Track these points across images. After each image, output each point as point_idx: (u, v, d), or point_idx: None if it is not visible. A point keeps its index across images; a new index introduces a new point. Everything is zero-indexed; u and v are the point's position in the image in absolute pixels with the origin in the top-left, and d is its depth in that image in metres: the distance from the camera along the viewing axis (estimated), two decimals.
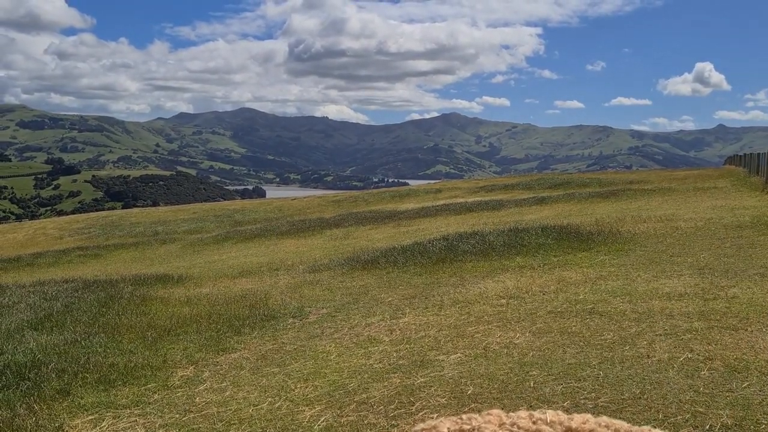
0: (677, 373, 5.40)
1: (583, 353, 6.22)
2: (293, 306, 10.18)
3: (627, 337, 6.59)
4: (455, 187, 48.36)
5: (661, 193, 25.15)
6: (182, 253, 23.99)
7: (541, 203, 26.19)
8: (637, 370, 5.56)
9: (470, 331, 7.45)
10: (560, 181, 40.13)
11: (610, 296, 8.48)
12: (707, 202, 20.44)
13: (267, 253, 19.76)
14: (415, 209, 29.44)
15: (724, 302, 7.62)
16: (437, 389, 5.65)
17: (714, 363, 5.57)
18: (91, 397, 6.23)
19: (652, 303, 7.89)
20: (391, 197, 43.72)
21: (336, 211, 36.63)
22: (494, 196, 34.28)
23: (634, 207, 20.94)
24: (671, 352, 5.94)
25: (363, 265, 13.55)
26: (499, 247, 13.35)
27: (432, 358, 6.62)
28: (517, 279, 10.35)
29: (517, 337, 7.03)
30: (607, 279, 9.63)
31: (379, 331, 8.01)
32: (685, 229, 14.09)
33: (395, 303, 9.62)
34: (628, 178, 40.06)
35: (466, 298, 9.33)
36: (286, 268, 15.36)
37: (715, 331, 6.50)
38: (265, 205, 50.67)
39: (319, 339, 8.02)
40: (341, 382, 6.14)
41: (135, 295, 11.53)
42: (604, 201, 24.57)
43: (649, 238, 13.31)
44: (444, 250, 13.69)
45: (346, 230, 24.10)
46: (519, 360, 6.22)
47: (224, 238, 26.96)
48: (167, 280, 14.31)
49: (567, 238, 13.67)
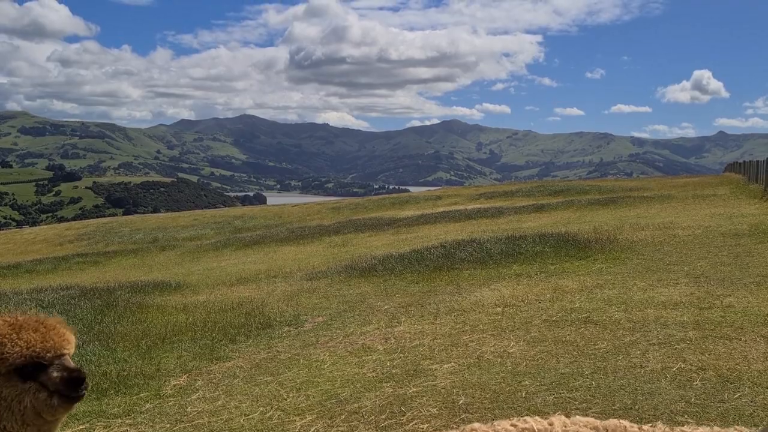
0: (669, 384, 5.38)
1: (577, 363, 6.20)
2: (289, 314, 10.17)
3: (621, 346, 6.58)
4: (455, 194, 48.35)
5: (660, 201, 25.12)
6: (181, 260, 23.97)
7: (540, 210, 26.17)
8: (630, 381, 5.54)
9: (464, 340, 7.44)
10: (560, 188, 40.11)
11: (605, 305, 8.46)
12: (706, 209, 20.42)
13: (265, 260, 19.74)
14: (415, 216, 29.42)
15: (719, 311, 7.61)
16: (429, 399, 5.63)
17: (707, 373, 5.55)
18: (82, 406, 6.20)
19: (647, 312, 7.87)
20: (391, 204, 43.69)
21: (336, 218, 36.61)
22: (494, 204, 34.25)
23: (633, 214, 20.92)
24: (664, 362, 5.92)
25: (361, 272, 13.54)
26: (497, 255, 13.33)
27: (425, 367, 6.60)
28: (514, 287, 10.34)
29: (511, 346, 7.01)
30: (604, 287, 9.61)
31: (374, 339, 7.99)
32: (683, 236, 14.07)
33: (391, 311, 9.60)
34: (627, 186, 40.03)
35: (462, 306, 9.31)
36: (284, 275, 15.35)
37: (709, 340, 6.49)
38: (265, 211, 50.67)
39: (314, 347, 8.01)
40: (334, 392, 6.13)
41: (131, 303, 11.52)
42: (603, 208, 24.55)
43: (646, 245, 13.30)
44: (441, 258, 13.68)
45: (345, 237, 24.08)
46: (512, 369, 6.20)
47: (223, 244, 26.93)
48: (165, 287, 14.30)
49: (565, 245, 13.66)
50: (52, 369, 2.45)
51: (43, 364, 2.44)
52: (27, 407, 2.40)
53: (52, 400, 2.42)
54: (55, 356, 2.48)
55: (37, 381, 2.42)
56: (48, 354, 2.46)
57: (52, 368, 2.45)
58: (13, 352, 2.40)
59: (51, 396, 2.42)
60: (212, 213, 55.72)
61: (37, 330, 2.48)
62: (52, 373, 2.44)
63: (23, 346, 2.42)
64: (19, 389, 2.40)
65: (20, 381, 2.41)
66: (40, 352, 2.44)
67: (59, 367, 2.45)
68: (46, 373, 2.44)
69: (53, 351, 2.47)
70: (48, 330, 2.51)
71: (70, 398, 2.46)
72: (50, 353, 2.46)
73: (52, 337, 2.50)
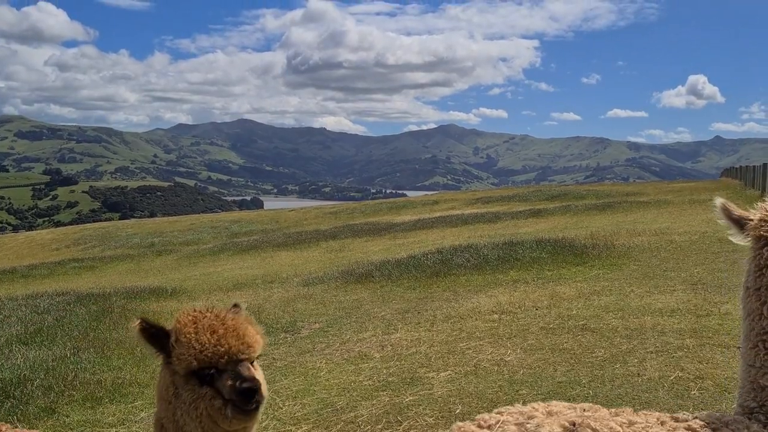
0: (667, 393, 5.35)
1: (574, 371, 6.17)
2: (286, 320, 10.14)
3: (618, 354, 6.55)
4: (452, 198, 48.36)
5: (657, 206, 25.13)
6: (178, 265, 23.91)
7: (537, 216, 26.16)
8: (627, 390, 5.51)
9: (461, 348, 7.40)
10: (557, 193, 40.13)
11: (602, 312, 8.43)
12: (703, 215, 20.41)
13: (262, 266, 19.70)
14: (412, 221, 29.40)
15: (716, 319, 7.58)
16: (425, 408, 5.60)
17: (704, 382, 5.52)
18: (77, 415, 6.17)
19: (644, 319, 7.84)
20: (388, 209, 43.67)
21: (333, 223, 36.56)
22: (491, 209, 34.24)
23: (630, 220, 20.92)
24: (662, 371, 5.89)
25: (357, 278, 13.50)
26: (494, 261, 13.30)
27: (422, 375, 6.57)
28: (511, 294, 10.30)
29: (508, 354, 6.98)
30: (601, 294, 9.59)
31: (371, 346, 7.96)
32: (680, 242, 14.06)
33: (388, 318, 9.57)
34: (624, 190, 40.08)
35: (459, 313, 9.28)
36: (281, 281, 15.32)
37: (706, 348, 6.46)
38: (261, 216, 50.63)
39: (310, 355, 7.97)
40: (330, 400, 6.09)
41: (127, 309, 11.48)
42: (600, 213, 24.55)
43: (643, 251, 13.28)
44: (438, 264, 13.65)
45: (342, 242, 24.05)
46: (509, 378, 6.17)
47: (220, 249, 26.89)
48: (161, 293, 14.25)
49: (561, 251, 13.63)
50: (227, 376, 2.25)
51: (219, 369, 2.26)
52: (203, 413, 2.25)
53: (226, 409, 2.24)
54: (231, 361, 2.26)
55: (214, 387, 2.25)
56: (221, 359, 2.25)
57: (227, 375, 2.25)
58: (188, 354, 2.24)
59: (225, 405, 2.24)
60: (209, 217, 55.67)
61: (215, 331, 2.28)
62: (227, 380, 2.24)
63: (198, 349, 2.25)
64: (196, 394, 2.25)
65: (198, 385, 2.25)
66: (212, 357, 2.25)
67: (233, 375, 2.25)
68: (221, 379, 2.25)
69: (228, 356, 2.26)
70: (227, 331, 2.29)
71: (243, 410, 2.25)
72: (224, 358, 2.25)
73: (228, 340, 2.28)
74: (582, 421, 2.16)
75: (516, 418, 2.26)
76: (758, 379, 2.15)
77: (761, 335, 2.17)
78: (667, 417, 2.24)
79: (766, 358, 2.15)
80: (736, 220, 2.34)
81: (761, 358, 2.16)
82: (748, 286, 2.29)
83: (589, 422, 2.15)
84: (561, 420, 2.18)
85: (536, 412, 2.29)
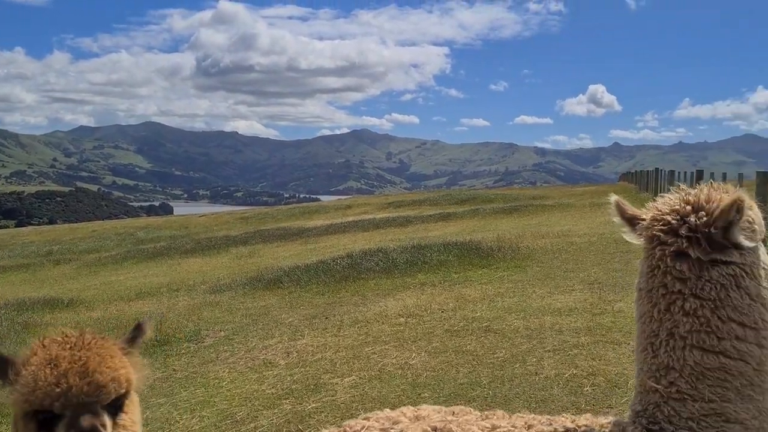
0: (562, 390, 5.52)
1: (475, 372, 6.27)
2: (189, 329, 9.81)
3: (518, 354, 6.71)
4: (365, 203, 48.51)
5: (560, 209, 26.13)
6: (77, 274, 22.75)
7: (446, 219, 26.62)
8: (525, 389, 5.65)
9: (367, 352, 7.39)
10: (466, 197, 41.02)
11: (505, 313, 8.64)
12: (601, 217, 21.36)
13: (169, 273, 19.05)
14: (324, 226, 29.25)
15: (610, 317, 7.91)
16: (328, 415, 5.54)
17: (597, 379, 5.74)
18: None
19: (544, 319, 8.09)
20: (301, 213, 43.30)
21: (243, 229, 35.85)
22: (402, 213, 34.57)
23: (535, 222, 21.64)
24: (558, 369, 6.08)
25: (266, 284, 13.28)
26: (402, 265, 13.40)
27: (326, 381, 6.50)
28: (418, 297, 10.40)
29: (412, 357, 7.02)
30: (504, 295, 9.82)
31: (276, 354, 7.82)
32: (580, 243, 14.64)
33: (295, 324, 9.44)
34: (531, 194, 41.46)
35: (366, 317, 9.27)
36: (187, 288, 14.85)
37: (599, 345, 6.72)
38: (170, 222, 49.04)
39: (213, 364, 7.75)
40: (230, 411, 5.92)
41: (16, 323, 10.80)
42: (507, 216, 25.27)
43: (546, 253, 13.73)
44: (348, 268, 13.62)
45: (252, 248, 23.61)
46: (412, 381, 6.20)
47: (124, 257, 25.79)
48: (56, 304, 13.52)
49: (468, 254, 13.90)
50: (64, 423, 1.80)
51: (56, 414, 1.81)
52: None
53: None
54: (70, 405, 1.80)
55: None
56: (55, 402, 1.80)
57: (65, 422, 1.80)
58: (21, 392, 1.82)
59: None
60: (113, 224, 53.41)
61: (56, 366, 1.84)
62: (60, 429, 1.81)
63: (31, 387, 1.82)
64: None
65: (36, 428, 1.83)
66: (43, 398, 1.80)
67: (70, 423, 1.79)
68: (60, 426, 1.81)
69: (66, 398, 1.80)
70: (70, 367, 1.84)
71: None
72: (59, 401, 1.80)
73: (69, 378, 1.82)
74: (444, 426, 2.23)
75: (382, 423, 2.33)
76: (645, 381, 2.21)
77: (650, 338, 2.22)
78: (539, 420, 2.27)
79: (653, 361, 2.20)
80: (628, 219, 2.40)
81: (648, 361, 2.22)
82: (641, 287, 2.33)
83: (451, 427, 2.22)
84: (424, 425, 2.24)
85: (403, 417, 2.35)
